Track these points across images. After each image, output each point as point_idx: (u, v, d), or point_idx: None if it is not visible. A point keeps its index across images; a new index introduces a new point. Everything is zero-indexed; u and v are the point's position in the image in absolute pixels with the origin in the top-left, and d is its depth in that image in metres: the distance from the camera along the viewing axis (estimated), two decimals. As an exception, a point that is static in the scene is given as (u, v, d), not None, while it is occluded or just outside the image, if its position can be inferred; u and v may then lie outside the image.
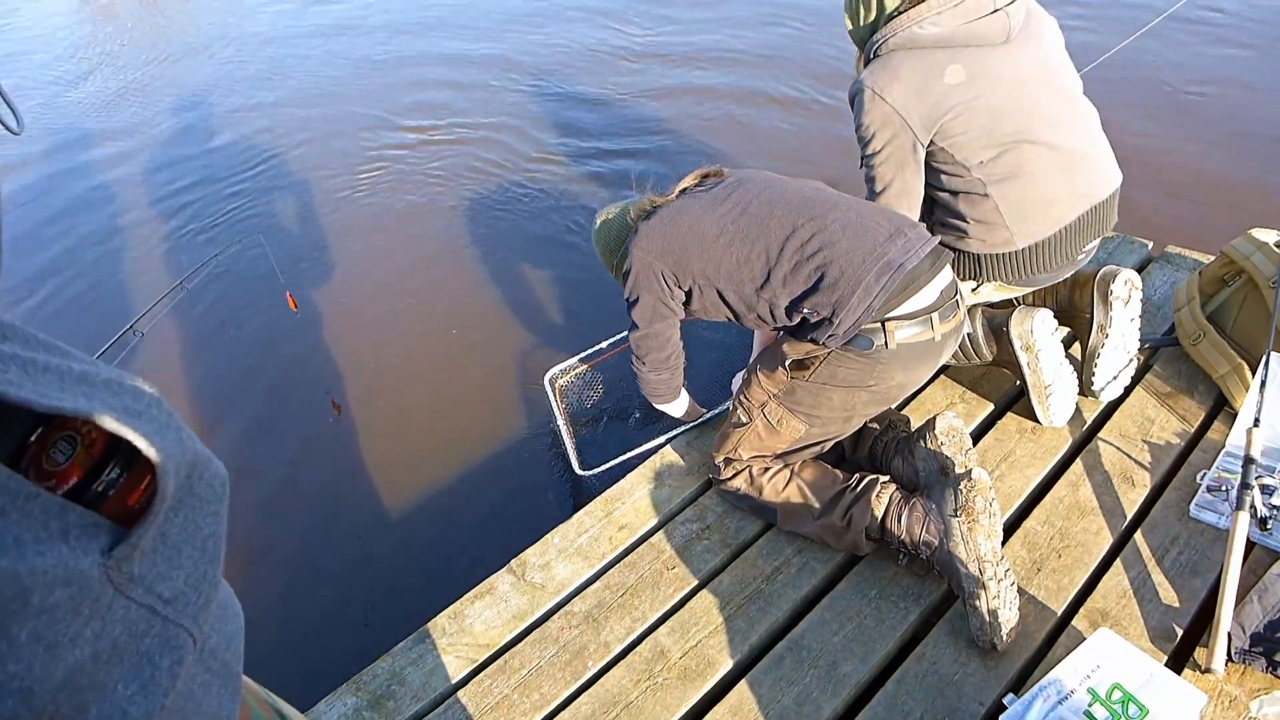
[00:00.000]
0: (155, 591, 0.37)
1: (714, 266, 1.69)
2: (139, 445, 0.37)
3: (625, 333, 2.47)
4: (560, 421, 2.35)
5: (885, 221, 1.62)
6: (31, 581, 0.30)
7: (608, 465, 2.12)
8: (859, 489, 1.66)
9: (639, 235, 1.77)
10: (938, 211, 1.89)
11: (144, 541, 0.36)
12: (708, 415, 2.13)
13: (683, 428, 2.12)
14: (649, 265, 1.75)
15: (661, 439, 2.10)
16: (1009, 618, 1.46)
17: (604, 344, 2.54)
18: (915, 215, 1.87)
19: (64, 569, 0.32)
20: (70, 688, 0.32)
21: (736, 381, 2.11)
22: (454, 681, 1.60)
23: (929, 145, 1.76)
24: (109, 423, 0.35)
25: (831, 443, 1.78)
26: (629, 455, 2.12)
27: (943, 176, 1.80)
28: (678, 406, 2.05)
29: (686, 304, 1.80)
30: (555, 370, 2.49)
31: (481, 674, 1.60)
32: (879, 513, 1.61)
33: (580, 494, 2.31)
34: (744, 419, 1.77)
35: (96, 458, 0.36)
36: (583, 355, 2.53)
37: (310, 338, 3.13)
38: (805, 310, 1.59)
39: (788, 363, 1.68)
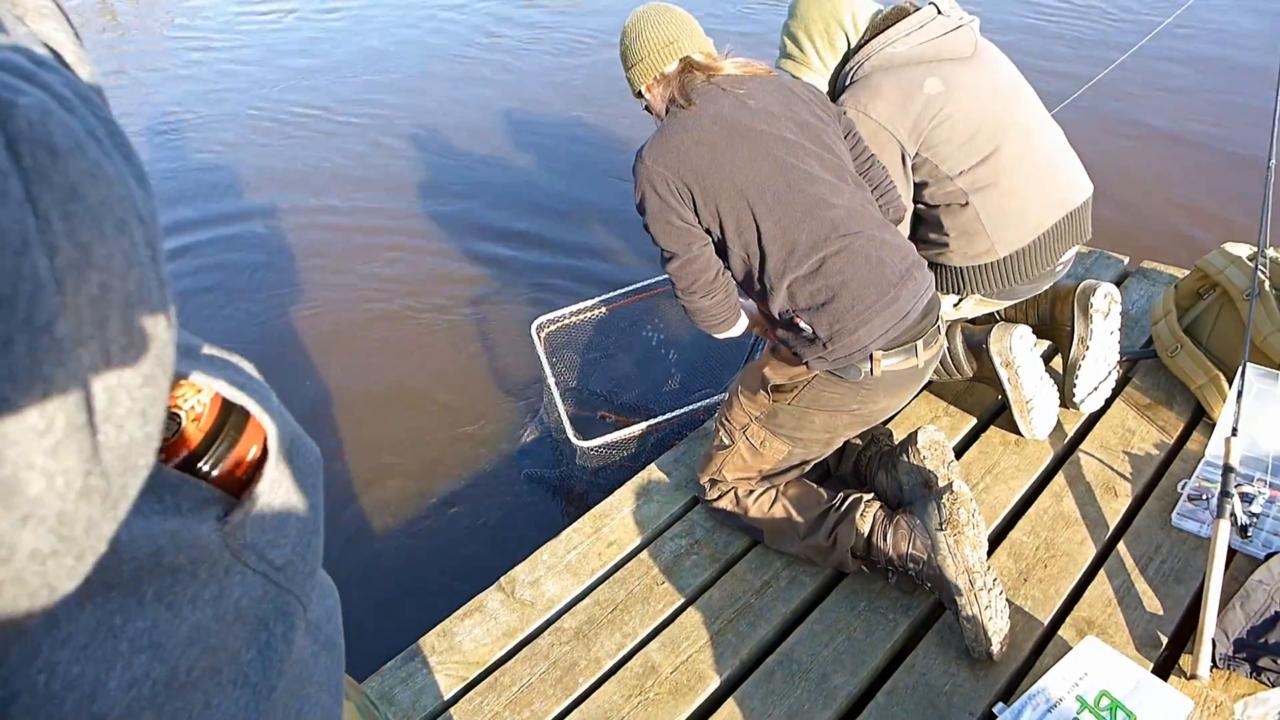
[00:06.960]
0: (267, 558, 0.38)
1: (745, 203, 1.56)
2: (254, 413, 0.38)
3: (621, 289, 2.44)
4: (550, 382, 2.16)
5: (899, 259, 1.57)
6: (165, 543, 0.32)
7: (608, 439, 2.01)
8: (843, 508, 1.66)
9: (652, 150, 1.58)
10: (920, 228, 1.93)
11: (255, 509, 0.37)
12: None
13: (680, 410, 2.10)
14: (659, 179, 1.57)
15: (667, 415, 2.10)
16: (1000, 626, 1.47)
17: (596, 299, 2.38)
18: (907, 230, 1.91)
19: (188, 533, 0.33)
20: (199, 647, 0.33)
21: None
22: (444, 699, 1.58)
23: (914, 157, 1.80)
24: (227, 391, 0.37)
25: (815, 462, 1.80)
26: (633, 430, 2.04)
27: (925, 191, 1.84)
28: (743, 323, 1.82)
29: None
30: (543, 319, 2.26)
31: (472, 691, 1.59)
32: (864, 531, 1.61)
33: (573, 474, 2.22)
34: (727, 441, 1.77)
35: (206, 431, 0.37)
36: (574, 309, 2.32)
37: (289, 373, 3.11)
38: (802, 322, 1.58)
39: (769, 386, 1.69)
